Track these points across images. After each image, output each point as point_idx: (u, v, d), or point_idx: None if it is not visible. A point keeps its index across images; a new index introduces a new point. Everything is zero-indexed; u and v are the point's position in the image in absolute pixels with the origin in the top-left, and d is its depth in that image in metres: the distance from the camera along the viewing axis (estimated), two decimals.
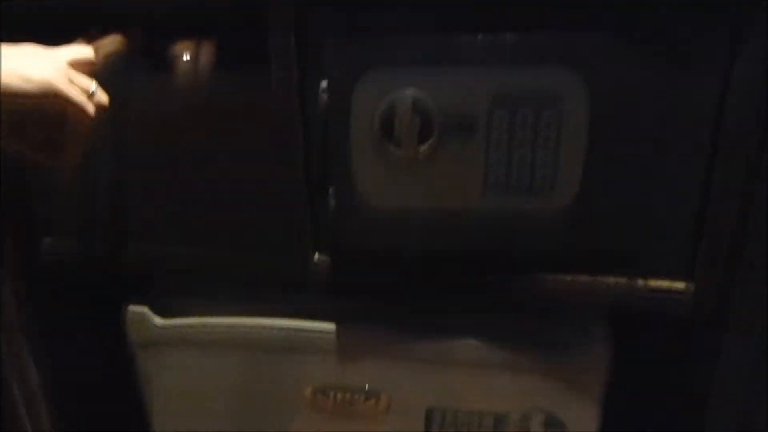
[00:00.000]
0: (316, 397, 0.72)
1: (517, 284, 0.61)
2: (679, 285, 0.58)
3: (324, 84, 0.57)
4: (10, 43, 0.49)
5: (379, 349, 0.69)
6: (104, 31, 0.57)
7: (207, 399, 0.76)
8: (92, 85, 0.53)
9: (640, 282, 0.59)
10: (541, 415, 0.69)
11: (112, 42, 0.57)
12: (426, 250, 0.61)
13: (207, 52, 0.59)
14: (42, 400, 0.73)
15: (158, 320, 0.72)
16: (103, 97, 0.54)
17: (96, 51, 0.55)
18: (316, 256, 0.64)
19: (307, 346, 0.70)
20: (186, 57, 0.60)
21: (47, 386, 0.75)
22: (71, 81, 0.50)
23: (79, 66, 0.53)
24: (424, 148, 0.55)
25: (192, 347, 0.73)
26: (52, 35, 0.53)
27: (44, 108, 0.50)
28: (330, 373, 0.71)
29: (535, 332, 0.67)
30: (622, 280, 0.59)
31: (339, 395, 0.71)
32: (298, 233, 0.63)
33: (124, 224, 0.68)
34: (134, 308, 0.73)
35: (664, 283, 0.58)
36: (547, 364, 0.67)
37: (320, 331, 0.69)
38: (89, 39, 0.56)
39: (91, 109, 0.52)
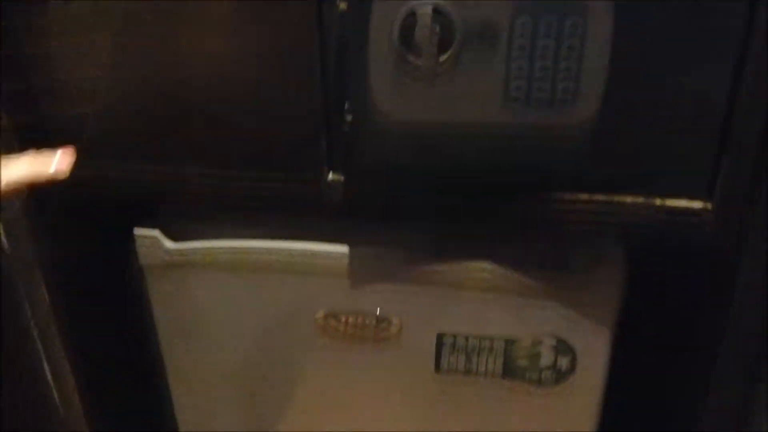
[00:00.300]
0: (328, 321, 0.72)
1: (533, 203, 0.60)
2: (698, 204, 0.58)
3: None
4: None
5: (392, 273, 0.69)
6: None
7: (217, 323, 0.76)
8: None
9: (658, 201, 0.58)
10: (552, 340, 0.69)
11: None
12: (442, 168, 0.61)
13: None
14: (54, 325, 0.73)
15: (169, 243, 0.72)
16: None
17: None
18: (330, 175, 0.64)
19: (319, 269, 0.70)
20: None
21: (58, 311, 0.75)
22: None
23: None
24: (444, 58, 0.54)
25: (203, 270, 0.72)
26: None
27: None
28: (342, 296, 0.71)
29: (548, 257, 0.67)
30: (640, 200, 0.59)
31: (350, 319, 0.71)
32: (311, 151, 0.62)
33: (134, 145, 0.67)
34: (145, 231, 0.73)
35: (682, 203, 0.58)
36: (560, 289, 0.67)
37: (332, 254, 0.69)
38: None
39: None
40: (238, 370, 0.79)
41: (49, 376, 0.76)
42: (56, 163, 0.57)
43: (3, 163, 0.53)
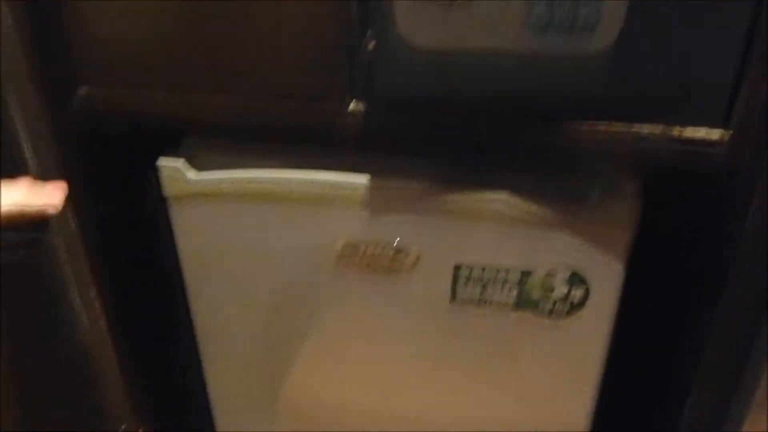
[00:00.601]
0: (346, 252, 0.74)
1: (551, 132, 0.61)
2: (715, 134, 0.58)
3: None
4: None
5: (410, 204, 0.70)
6: None
7: (238, 253, 0.78)
8: None
9: (676, 131, 0.59)
10: (566, 272, 0.71)
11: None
12: (462, 96, 0.61)
13: None
14: (82, 249, 0.76)
15: (192, 174, 0.74)
16: None
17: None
18: (352, 103, 0.65)
19: (338, 200, 0.71)
20: None
21: (86, 241, 0.77)
22: None
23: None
24: None
25: (225, 201, 0.74)
26: None
27: None
28: (361, 227, 0.72)
29: (564, 188, 0.67)
30: (658, 129, 0.59)
31: (369, 250, 0.73)
32: (334, 80, 0.63)
33: (157, 74, 0.68)
34: (168, 162, 0.74)
35: (700, 132, 0.59)
36: (575, 221, 0.68)
37: (352, 184, 0.70)
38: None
39: None
40: (258, 300, 0.82)
41: (78, 300, 0.78)
42: (49, 197, 0.60)
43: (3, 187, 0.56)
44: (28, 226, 0.62)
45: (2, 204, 0.56)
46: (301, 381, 0.88)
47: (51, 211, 0.60)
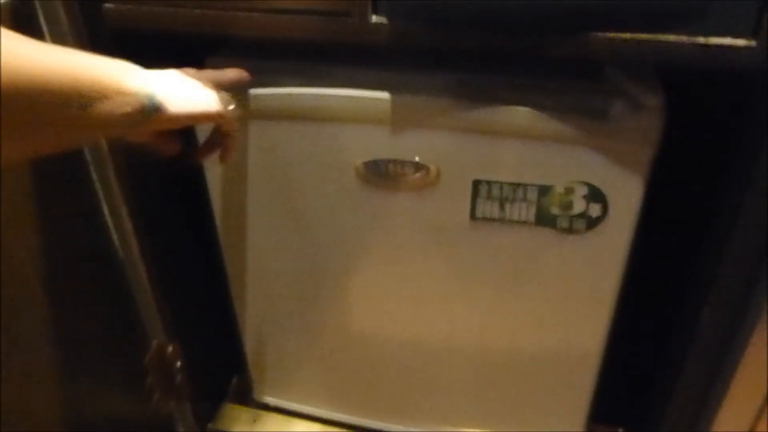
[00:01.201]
0: (368, 169, 0.75)
1: (576, 42, 0.60)
2: (741, 42, 0.58)
3: None
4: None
5: (431, 120, 0.71)
6: None
7: (261, 170, 0.80)
8: (231, 100, 0.62)
9: (701, 39, 0.58)
10: (585, 188, 0.71)
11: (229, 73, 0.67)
12: (485, 6, 0.61)
13: None
14: (112, 168, 0.78)
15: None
16: (237, 109, 0.63)
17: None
18: (373, 17, 0.65)
19: (359, 116, 0.72)
20: None
21: (115, 156, 0.79)
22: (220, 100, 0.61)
23: (217, 86, 0.62)
24: None
25: (247, 118, 0.75)
26: None
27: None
28: (381, 144, 0.73)
29: (585, 104, 0.68)
30: (683, 38, 0.59)
31: (390, 167, 0.74)
32: None
33: None
34: None
35: (726, 41, 0.58)
36: (596, 137, 0.68)
37: (373, 101, 0.71)
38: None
39: (234, 120, 0.63)
40: (282, 219, 0.84)
41: (109, 221, 0.81)
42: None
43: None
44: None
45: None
46: (326, 301, 0.91)
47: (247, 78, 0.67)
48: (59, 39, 0.69)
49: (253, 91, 0.74)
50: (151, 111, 0.51)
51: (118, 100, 0.48)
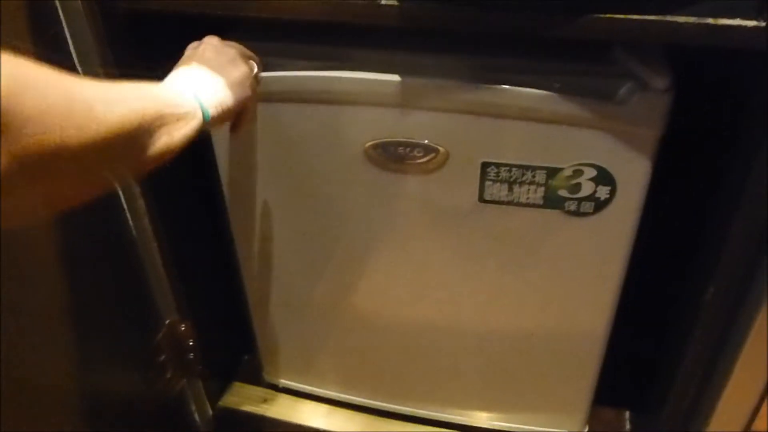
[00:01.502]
0: (377, 151, 0.76)
1: (584, 23, 0.61)
2: (750, 23, 0.58)
3: None
4: None
5: (440, 102, 0.71)
6: None
7: (271, 152, 0.81)
8: (255, 68, 0.66)
9: (710, 21, 0.59)
10: (593, 170, 0.72)
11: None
12: None
13: None
14: None
15: None
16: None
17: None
18: None
19: (368, 99, 0.73)
20: None
21: None
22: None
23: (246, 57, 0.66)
24: None
25: (259, 100, 0.76)
26: None
27: None
28: (390, 126, 0.74)
29: (593, 86, 0.68)
30: (692, 20, 0.59)
31: (399, 149, 0.75)
32: None
33: None
34: None
35: (734, 22, 0.58)
36: (604, 119, 0.69)
37: (382, 83, 0.71)
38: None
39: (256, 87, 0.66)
40: (292, 201, 0.85)
41: (123, 201, 0.83)
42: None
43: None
44: None
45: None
46: (335, 282, 0.92)
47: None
48: (73, 16, 0.70)
49: (263, 74, 0.74)
50: (205, 123, 0.55)
51: (180, 125, 0.50)
